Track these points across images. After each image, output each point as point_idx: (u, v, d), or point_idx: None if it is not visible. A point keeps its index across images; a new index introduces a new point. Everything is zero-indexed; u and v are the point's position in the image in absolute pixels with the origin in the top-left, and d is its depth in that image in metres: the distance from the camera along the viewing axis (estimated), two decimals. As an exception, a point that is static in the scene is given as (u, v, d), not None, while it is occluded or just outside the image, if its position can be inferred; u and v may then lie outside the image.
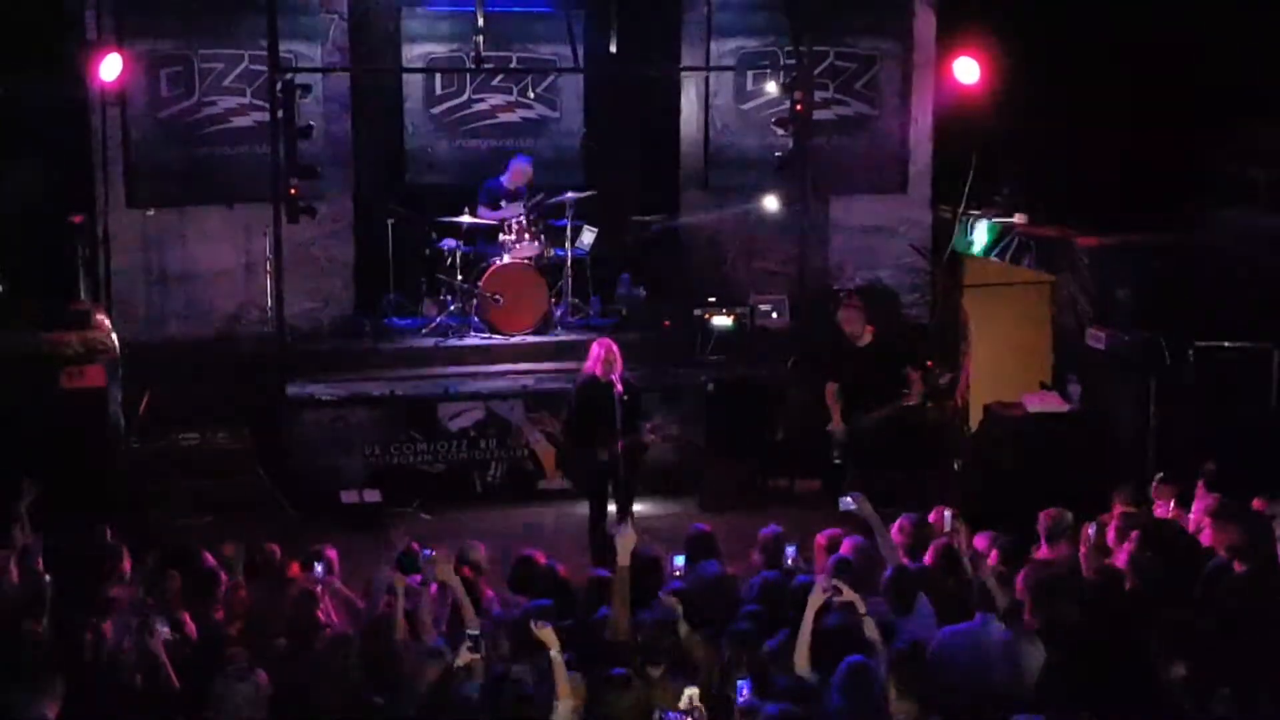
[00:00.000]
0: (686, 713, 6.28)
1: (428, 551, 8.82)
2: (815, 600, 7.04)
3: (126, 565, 8.27)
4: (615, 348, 10.90)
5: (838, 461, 11.52)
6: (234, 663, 6.81)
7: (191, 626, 7.62)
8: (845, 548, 8.30)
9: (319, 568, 8.29)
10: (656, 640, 6.96)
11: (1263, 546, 8.08)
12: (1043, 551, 8.68)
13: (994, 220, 14.09)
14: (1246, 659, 6.72)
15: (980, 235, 14.23)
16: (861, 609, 7.16)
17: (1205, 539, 8.55)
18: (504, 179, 14.29)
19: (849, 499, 8.44)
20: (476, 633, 6.80)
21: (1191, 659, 6.61)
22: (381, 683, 6.80)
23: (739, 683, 6.77)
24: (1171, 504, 9.20)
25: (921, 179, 15.17)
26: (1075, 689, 6.46)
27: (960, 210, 14.40)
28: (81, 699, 6.47)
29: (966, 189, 14.25)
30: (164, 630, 7.17)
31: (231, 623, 7.87)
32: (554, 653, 6.63)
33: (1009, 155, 14.21)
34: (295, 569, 8.45)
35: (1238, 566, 8.01)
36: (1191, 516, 8.93)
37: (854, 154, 15.03)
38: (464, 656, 6.71)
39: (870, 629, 7.07)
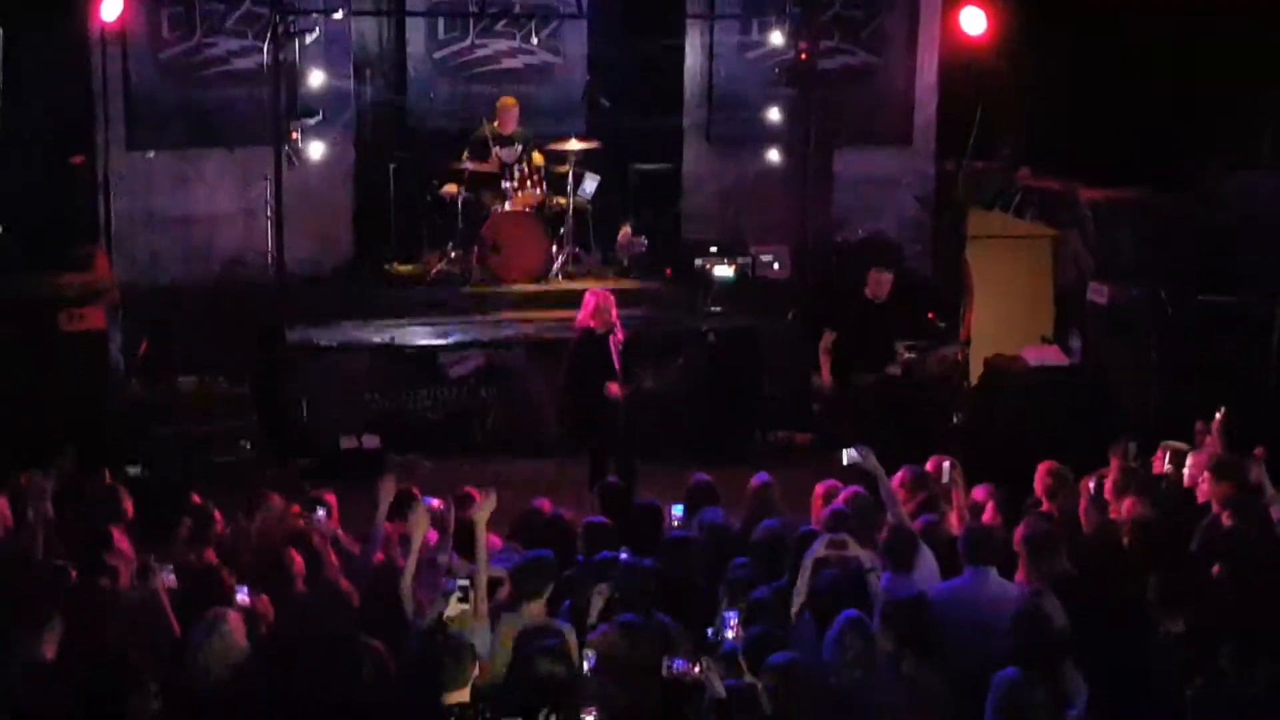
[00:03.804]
0: (694, 663, 6.19)
1: (427, 499, 8.83)
2: (817, 552, 7.01)
3: (126, 508, 8.28)
4: (610, 297, 10.76)
5: (816, 409, 11.83)
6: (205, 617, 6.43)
7: (189, 569, 7.63)
8: (841, 499, 8.26)
9: (319, 513, 8.28)
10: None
11: (1256, 500, 8.10)
12: (1044, 506, 8.65)
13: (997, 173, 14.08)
14: (1241, 614, 6.73)
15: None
16: (868, 564, 7.09)
17: (1201, 494, 8.56)
18: (495, 124, 14.11)
19: (854, 451, 8.36)
20: (466, 583, 6.71)
21: (1189, 614, 6.63)
22: (378, 626, 6.77)
23: (725, 614, 6.77)
24: (1168, 459, 9.20)
25: (926, 131, 15.04)
26: (1070, 644, 6.46)
27: (964, 162, 14.35)
28: (80, 639, 6.48)
29: (971, 141, 14.19)
30: (168, 575, 7.13)
31: (226, 566, 7.86)
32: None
33: (1014, 108, 14.15)
34: (295, 512, 8.45)
35: (1227, 520, 8.01)
36: (1187, 471, 8.93)
37: (858, 105, 14.89)
38: (453, 607, 6.64)
39: (875, 584, 7.02)
